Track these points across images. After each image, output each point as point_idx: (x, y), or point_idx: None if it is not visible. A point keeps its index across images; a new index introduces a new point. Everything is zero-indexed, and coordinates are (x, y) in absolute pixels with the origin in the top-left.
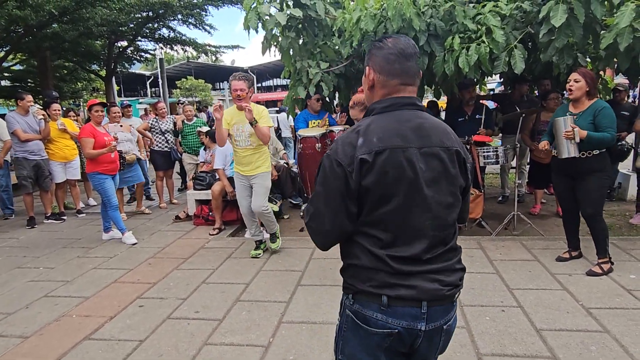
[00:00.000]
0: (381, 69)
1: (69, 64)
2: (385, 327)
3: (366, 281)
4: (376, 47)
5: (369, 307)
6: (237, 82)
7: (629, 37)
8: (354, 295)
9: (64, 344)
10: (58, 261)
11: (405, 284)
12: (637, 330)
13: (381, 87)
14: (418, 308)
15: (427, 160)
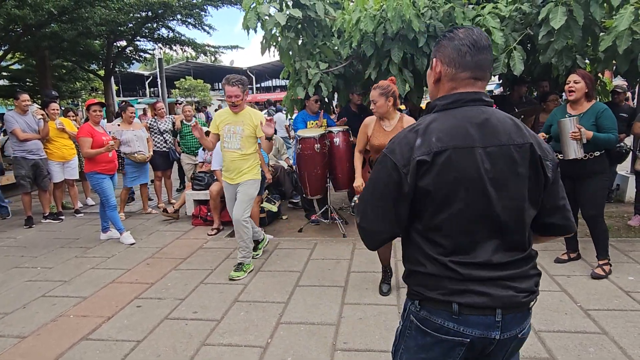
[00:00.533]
0: (450, 61)
1: (68, 64)
2: (457, 336)
3: (434, 289)
4: (446, 37)
5: (438, 315)
6: (232, 89)
7: (627, 39)
8: (421, 302)
9: (61, 344)
10: (56, 261)
11: (476, 290)
12: (636, 331)
13: (449, 80)
14: (492, 316)
15: (493, 159)
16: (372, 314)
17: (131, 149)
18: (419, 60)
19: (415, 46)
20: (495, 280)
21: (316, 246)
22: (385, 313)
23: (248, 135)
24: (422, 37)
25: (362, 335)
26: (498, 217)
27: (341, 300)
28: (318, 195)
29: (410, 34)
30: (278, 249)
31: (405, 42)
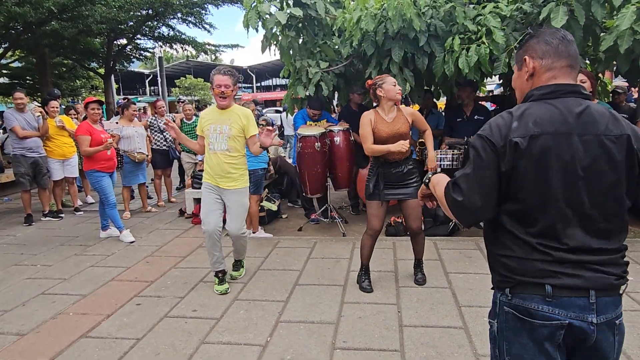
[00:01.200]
0: (544, 53)
1: (68, 62)
2: (553, 319)
3: (524, 272)
4: (533, 37)
5: (531, 300)
6: (222, 77)
7: (629, 39)
8: (512, 289)
9: (60, 342)
10: (55, 259)
11: (568, 272)
12: (635, 332)
13: (546, 71)
14: (586, 297)
15: (588, 147)
16: (371, 312)
17: (130, 146)
18: (420, 60)
19: (416, 45)
20: (585, 263)
21: (316, 245)
22: (385, 312)
23: (235, 135)
24: (422, 37)
25: (362, 334)
26: (587, 204)
27: (341, 299)
28: (318, 194)
29: (411, 33)
30: (277, 248)
31: (406, 41)
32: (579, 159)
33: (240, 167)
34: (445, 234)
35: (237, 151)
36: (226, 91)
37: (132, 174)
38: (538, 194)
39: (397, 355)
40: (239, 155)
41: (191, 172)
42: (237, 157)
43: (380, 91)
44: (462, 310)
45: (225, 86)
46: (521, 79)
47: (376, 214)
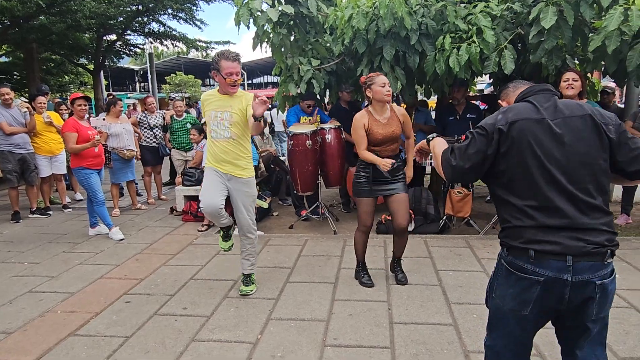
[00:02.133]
0: (507, 94)
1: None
2: (533, 275)
3: (516, 239)
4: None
5: (520, 259)
6: (233, 64)
7: (616, 40)
8: (508, 249)
9: (48, 340)
10: (43, 256)
11: (549, 240)
12: (621, 328)
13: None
14: (563, 261)
15: (559, 127)
16: (362, 310)
17: (120, 143)
18: (411, 58)
19: (407, 44)
20: (567, 231)
21: (307, 243)
22: (375, 309)
23: (237, 122)
24: (414, 35)
25: (352, 331)
26: (564, 178)
27: (331, 297)
28: (309, 192)
29: (403, 31)
30: (268, 246)
31: (397, 39)
32: (554, 135)
33: (246, 156)
34: (435, 232)
35: (241, 137)
36: (238, 79)
37: (120, 171)
38: (521, 170)
39: (387, 352)
40: (243, 141)
41: (181, 169)
42: (241, 144)
43: (369, 92)
44: (451, 307)
45: (237, 74)
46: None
47: (367, 210)
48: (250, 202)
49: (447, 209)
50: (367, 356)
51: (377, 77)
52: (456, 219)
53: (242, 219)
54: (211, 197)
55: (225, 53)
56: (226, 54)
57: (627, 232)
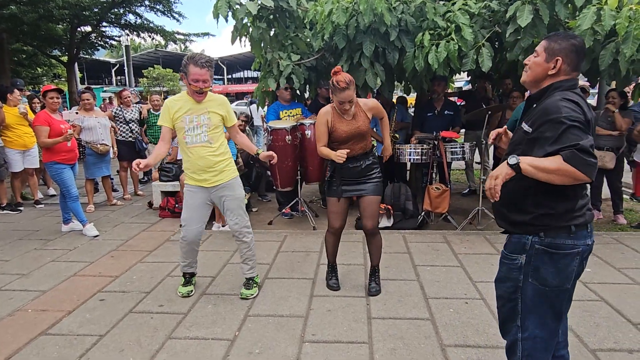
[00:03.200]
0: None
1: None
2: (574, 248)
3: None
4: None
5: (559, 236)
6: (200, 71)
7: (589, 39)
8: (546, 232)
9: (18, 340)
10: (13, 253)
11: (581, 214)
12: (592, 320)
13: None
14: (586, 230)
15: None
16: (340, 305)
17: (93, 137)
18: (391, 55)
19: (387, 40)
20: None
21: (286, 239)
22: (354, 305)
23: (216, 124)
24: (393, 31)
25: (331, 326)
26: None
27: (310, 293)
28: (288, 188)
29: (382, 27)
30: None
31: (377, 35)
32: None
33: (226, 157)
34: (414, 228)
35: (218, 141)
36: (205, 87)
37: (94, 166)
38: None
39: (365, 347)
40: (220, 144)
41: (158, 164)
42: (219, 146)
43: (333, 97)
44: (429, 302)
45: (204, 81)
46: (542, 68)
47: (335, 210)
48: (238, 204)
49: (425, 205)
50: (345, 351)
51: (340, 92)
52: (434, 214)
53: (233, 225)
54: (193, 229)
55: (195, 57)
56: (196, 58)
57: (598, 227)
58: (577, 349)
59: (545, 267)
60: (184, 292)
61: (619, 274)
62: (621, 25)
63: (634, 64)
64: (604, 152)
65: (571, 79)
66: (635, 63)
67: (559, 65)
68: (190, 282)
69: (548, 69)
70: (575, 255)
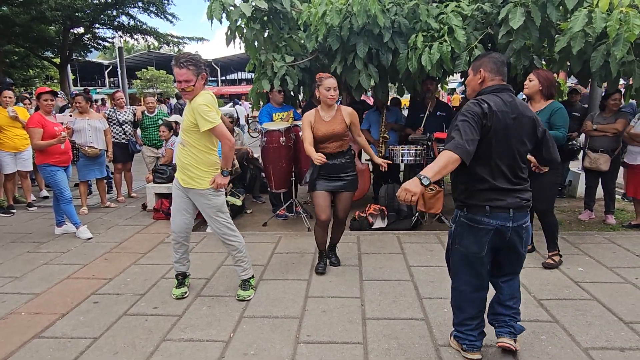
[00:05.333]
0: (491, 69)
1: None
2: (488, 225)
3: (477, 199)
4: (485, 56)
5: (477, 214)
6: (180, 71)
7: (581, 41)
8: (467, 208)
9: (11, 343)
10: (6, 256)
11: (499, 198)
12: (584, 319)
13: (490, 80)
14: (507, 213)
15: (514, 121)
16: (335, 306)
17: (82, 139)
18: (384, 56)
19: (380, 41)
20: (510, 192)
21: (280, 240)
22: (348, 305)
23: (185, 129)
24: (387, 33)
25: (326, 327)
26: (511, 157)
27: (305, 294)
28: (283, 189)
29: (376, 29)
30: None
31: (370, 37)
32: (508, 126)
33: (199, 166)
34: (408, 228)
35: (193, 146)
36: (187, 87)
37: (86, 168)
38: (492, 148)
39: (360, 348)
40: (196, 150)
41: (152, 166)
42: (193, 153)
43: (318, 92)
44: (423, 302)
45: (186, 81)
46: (474, 82)
47: (318, 202)
48: (214, 212)
49: (419, 206)
50: (340, 352)
51: (325, 79)
52: (428, 215)
53: (212, 228)
54: (175, 220)
55: (177, 57)
56: (178, 58)
57: (590, 227)
58: (570, 347)
59: (467, 236)
60: (177, 294)
61: (611, 273)
62: (612, 27)
63: (624, 65)
64: (599, 154)
65: (495, 84)
66: (625, 65)
67: (483, 75)
68: (184, 284)
69: (477, 80)
70: (488, 230)
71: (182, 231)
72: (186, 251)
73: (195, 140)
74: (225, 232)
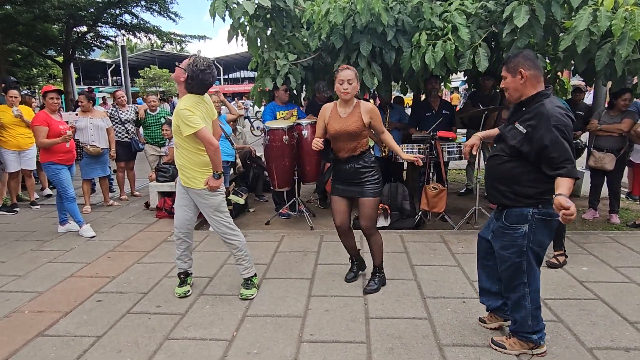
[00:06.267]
0: (531, 67)
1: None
2: (555, 217)
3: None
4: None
5: (550, 207)
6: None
7: (586, 40)
8: (541, 204)
9: (14, 341)
10: (9, 255)
11: None
12: (588, 319)
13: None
14: None
15: None
16: (338, 305)
17: (83, 138)
18: (388, 54)
19: (383, 40)
20: None
21: (283, 239)
22: (352, 305)
23: (174, 131)
24: (390, 31)
25: (329, 326)
26: None
27: (308, 293)
28: (286, 188)
29: (379, 27)
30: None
31: (374, 35)
32: None
33: (193, 167)
34: (411, 227)
35: (184, 148)
36: (179, 87)
37: (89, 166)
38: None
39: (363, 347)
40: (187, 152)
41: (155, 164)
42: (185, 154)
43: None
44: (426, 302)
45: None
46: (516, 83)
47: (335, 208)
48: (211, 211)
49: (422, 205)
50: (343, 351)
51: (341, 70)
52: (431, 214)
53: (213, 227)
54: (178, 215)
55: None
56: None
57: (595, 226)
58: (574, 347)
59: (541, 232)
60: (180, 292)
61: (615, 272)
62: (617, 26)
63: (630, 64)
64: (604, 153)
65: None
66: (630, 63)
67: (525, 74)
68: (186, 282)
69: (518, 81)
70: (557, 219)
71: (183, 226)
72: (187, 248)
73: (184, 142)
74: (224, 231)
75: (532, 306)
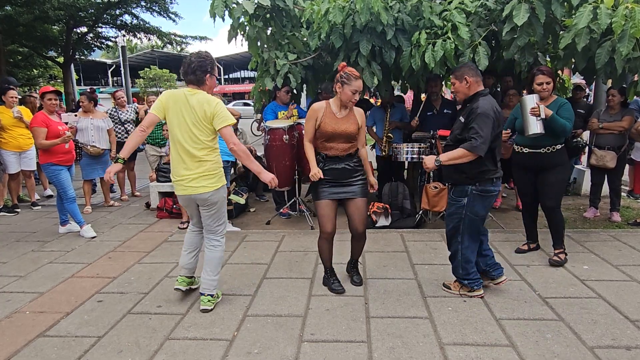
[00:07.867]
0: (474, 74)
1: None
2: (494, 191)
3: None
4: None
5: (487, 184)
6: None
7: (586, 37)
8: (479, 182)
9: (15, 342)
10: (10, 255)
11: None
12: (589, 318)
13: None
14: None
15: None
16: (339, 305)
17: (84, 139)
18: (387, 54)
19: (383, 39)
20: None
21: (284, 238)
22: (352, 304)
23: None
24: (390, 30)
25: (329, 326)
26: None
27: (308, 292)
28: (286, 187)
29: (379, 26)
30: (245, 242)
31: (373, 34)
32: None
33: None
34: (411, 226)
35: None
36: None
37: (89, 167)
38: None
39: (364, 346)
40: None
41: (156, 165)
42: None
43: (340, 87)
44: (427, 301)
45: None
46: (462, 87)
47: (324, 213)
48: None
49: (423, 204)
50: (344, 351)
51: (355, 80)
52: (432, 213)
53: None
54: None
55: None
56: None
57: (596, 224)
58: (575, 346)
59: (477, 204)
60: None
61: (616, 271)
62: (617, 23)
63: (630, 62)
64: (605, 151)
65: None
66: (630, 61)
67: (469, 80)
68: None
69: (464, 86)
70: (495, 195)
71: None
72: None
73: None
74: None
75: (462, 259)
